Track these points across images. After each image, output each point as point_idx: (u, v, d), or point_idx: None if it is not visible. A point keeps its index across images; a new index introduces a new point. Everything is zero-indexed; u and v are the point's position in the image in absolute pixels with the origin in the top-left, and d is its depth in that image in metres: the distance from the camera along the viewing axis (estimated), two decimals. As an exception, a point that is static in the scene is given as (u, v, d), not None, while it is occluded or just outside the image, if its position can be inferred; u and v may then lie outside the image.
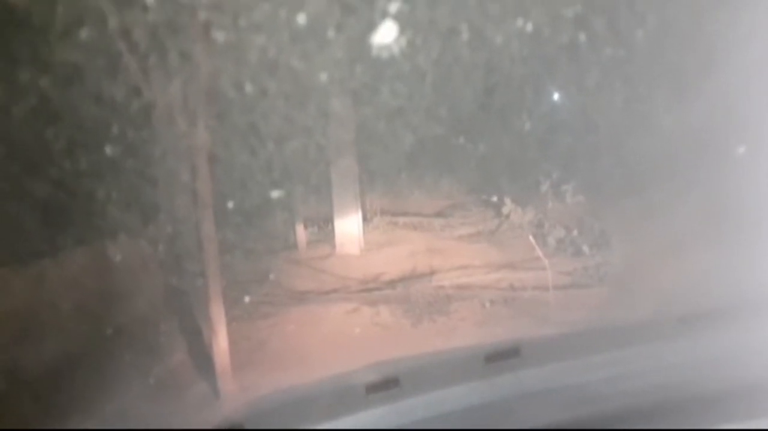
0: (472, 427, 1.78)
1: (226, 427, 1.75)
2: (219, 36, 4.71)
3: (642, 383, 1.86)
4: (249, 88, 5.37)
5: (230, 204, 5.89)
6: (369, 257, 7.95)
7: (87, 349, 4.73)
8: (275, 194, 6.69)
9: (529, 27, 6.12)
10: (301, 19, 5.10)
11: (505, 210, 8.52)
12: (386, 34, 5.47)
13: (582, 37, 6.47)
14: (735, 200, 5.81)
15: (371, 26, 5.45)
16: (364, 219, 8.48)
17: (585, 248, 7.45)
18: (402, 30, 5.56)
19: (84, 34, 4.52)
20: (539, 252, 6.92)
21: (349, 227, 8.10)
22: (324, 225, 8.53)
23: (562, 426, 1.71)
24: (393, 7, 5.39)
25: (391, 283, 7.01)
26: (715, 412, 1.64)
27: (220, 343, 4.84)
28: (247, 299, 6.32)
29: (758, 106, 5.59)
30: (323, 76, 5.72)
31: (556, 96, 8.67)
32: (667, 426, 1.64)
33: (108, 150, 5.11)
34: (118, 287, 5.35)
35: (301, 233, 8.20)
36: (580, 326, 5.56)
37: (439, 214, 9.33)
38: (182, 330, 5.71)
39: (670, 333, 2.11)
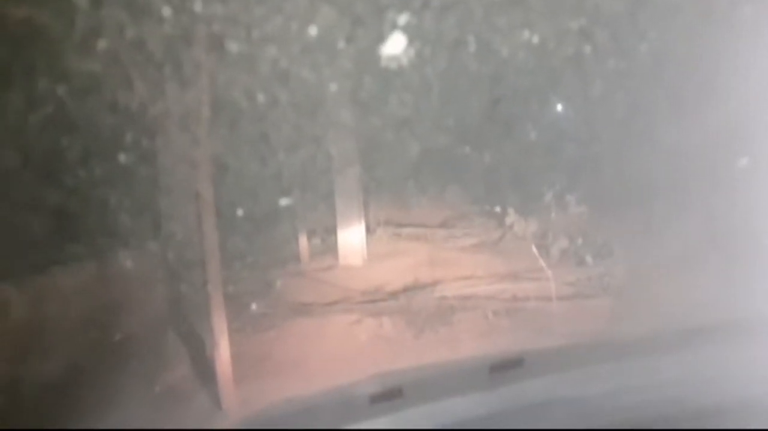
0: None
1: None
2: (232, 47, 4.76)
3: (644, 396, 1.86)
4: (259, 98, 5.41)
5: (233, 216, 5.90)
6: (372, 268, 7.94)
7: (89, 360, 4.73)
8: (278, 205, 6.70)
9: (536, 39, 6.16)
10: (312, 31, 5.15)
11: (508, 221, 8.50)
12: (395, 46, 5.52)
13: (587, 49, 6.49)
14: (738, 214, 5.82)
15: (380, 38, 5.50)
16: (367, 230, 8.47)
17: (588, 259, 7.43)
18: (410, 42, 5.60)
19: (101, 45, 4.56)
20: (542, 263, 6.91)
21: (352, 238, 8.10)
22: (327, 237, 8.52)
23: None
24: (402, 20, 5.44)
25: (394, 294, 6.99)
26: (716, 426, 1.64)
27: (223, 355, 4.83)
28: (249, 310, 6.32)
29: (762, 120, 5.60)
30: (333, 87, 5.76)
31: (560, 107, 8.68)
32: None
33: (117, 160, 5.15)
34: (121, 298, 5.36)
35: (304, 244, 8.20)
36: (583, 337, 5.54)
37: (442, 225, 9.32)
38: (185, 342, 5.70)
39: (672, 346, 2.11)
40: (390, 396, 1.88)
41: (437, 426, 1.80)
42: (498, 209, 8.66)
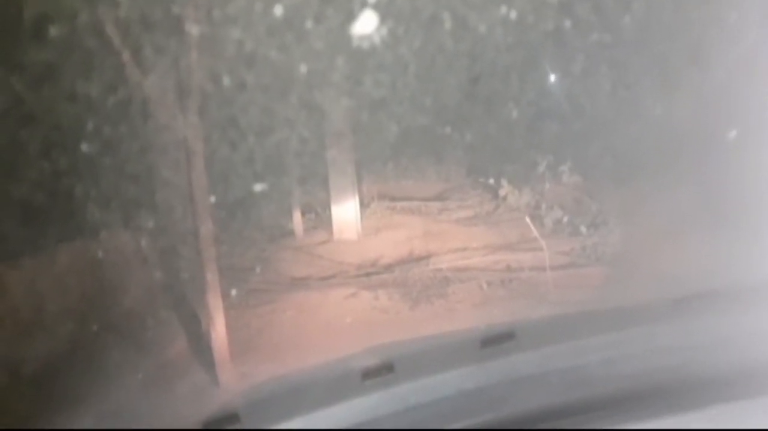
0: (465, 412, 1.78)
1: (221, 416, 1.75)
2: (195, 29, 4.63)
3: (638, 365, 1.86)
4: (248, 80, 5.33)
5: (227, 192, 5.88)
6: (367, 242, 7.95)
7: (87, 340, 4.75)
8: (272, 181, 6.66)
9: (513, 14, 6.01)
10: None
11: (502, 193, 8.51)
12: (366, 25, 5.35)
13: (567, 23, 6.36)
14: (734, 182, 5.81)
15: (351, 17, 5.34)
16: (362, 204, 8.46)
17: (582, 228, 7.44)
18: (382, 20, 5.44)
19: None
20: (536, 233, 6.92)
21: (346, 212, 8.09)
22: (321, 211, 8.52)
23: (556, 410, 1.71)
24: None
25: (389, 267, 7.02)
26: (711, 394, 1.64)
27: (219, 331, 4.85)
28: (244, 286, 6.33)
29: (750, 84, 5.57)
30: (308, 68, 5.64)
31: (552, 78, 8.60)
32: (663, 408, 1.64)
33: (107, 141, 5.11)
34: (116, 278, 5.36)
35: (299, 219, 8.19)
36: (577, 306, 5.58)
37: (436, 198, 9.31)
38: (180, 319, 5.72)
39: (666, 315, 2.11)
40: (381, 372, 1.88)
41: (427, 400, 1.80)
42: (492, 181, 8.66)
